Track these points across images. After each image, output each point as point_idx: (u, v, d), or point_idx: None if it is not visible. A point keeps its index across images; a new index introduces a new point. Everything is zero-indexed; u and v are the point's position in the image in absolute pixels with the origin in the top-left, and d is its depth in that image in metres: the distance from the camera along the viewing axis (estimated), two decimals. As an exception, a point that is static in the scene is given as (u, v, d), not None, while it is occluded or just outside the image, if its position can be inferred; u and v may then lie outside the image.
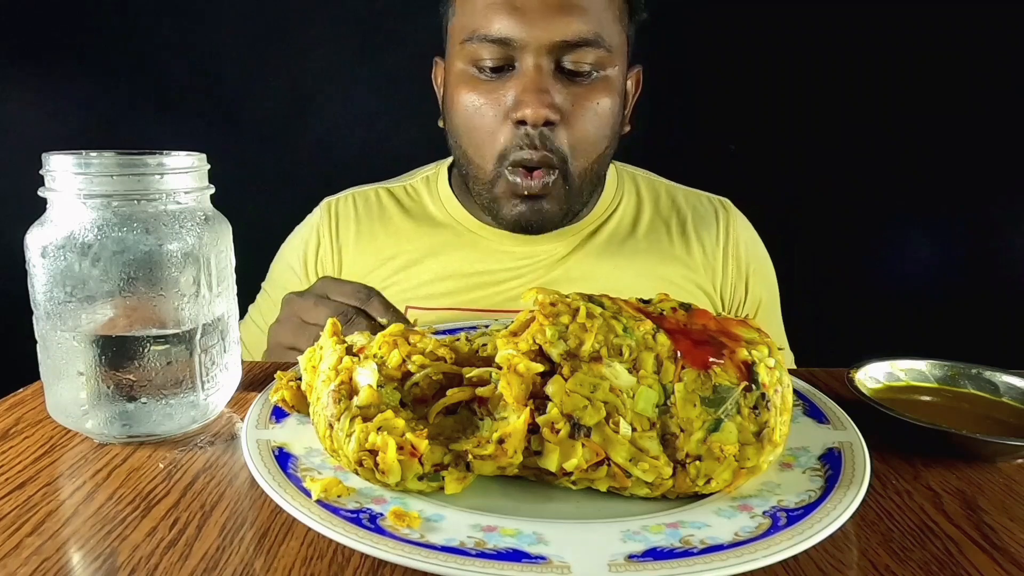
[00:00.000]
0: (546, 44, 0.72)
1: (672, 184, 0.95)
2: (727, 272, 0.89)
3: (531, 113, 0.71)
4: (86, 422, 0.45)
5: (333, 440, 0.39)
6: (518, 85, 0.73)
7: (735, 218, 0.92)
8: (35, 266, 0.44)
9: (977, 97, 1.40)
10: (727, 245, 0.89)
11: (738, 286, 0.90)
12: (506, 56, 0.73)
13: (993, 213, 1.49)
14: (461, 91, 0.77)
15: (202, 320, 0.47)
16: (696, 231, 0.89)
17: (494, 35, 0.72)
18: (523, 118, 0.72)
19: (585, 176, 0.78)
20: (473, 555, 0.32)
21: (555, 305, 0.40)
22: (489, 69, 0.75)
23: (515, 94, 0.73)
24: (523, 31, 0.71)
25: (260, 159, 1.42)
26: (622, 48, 0.78)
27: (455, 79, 0.78)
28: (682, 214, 0.91)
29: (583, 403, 0.37)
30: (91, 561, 0.34)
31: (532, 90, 0.72)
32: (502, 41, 0.72)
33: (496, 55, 0.73)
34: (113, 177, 0.43)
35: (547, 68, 0.73)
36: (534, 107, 0.71)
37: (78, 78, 1.38)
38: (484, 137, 0.76)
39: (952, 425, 0.47)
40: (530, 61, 0.72)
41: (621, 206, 0.90)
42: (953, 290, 1.50)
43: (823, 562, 0.35)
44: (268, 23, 1.38)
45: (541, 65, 0.72)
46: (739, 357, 0.39)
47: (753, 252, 0.91)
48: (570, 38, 0.72)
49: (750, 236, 0.92)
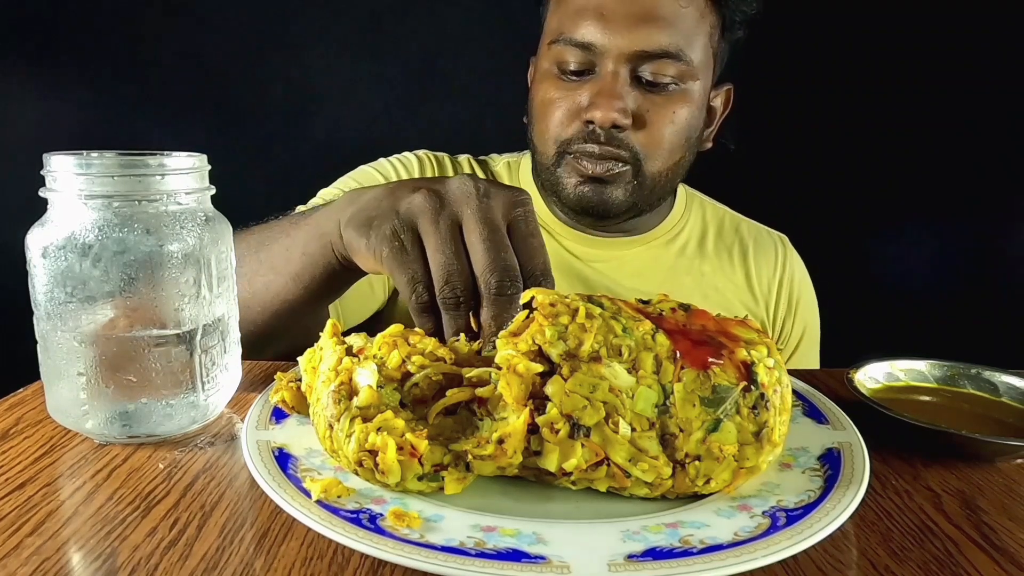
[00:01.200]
0: (626, 52, 0.74)
1: (734, 213, 0.99)
2: (779, 304, 0.93)
3: (600, 115, 0.74)
4: (86, 422, 0.45)
5: (333, 441, 0.39)
6: (594, 88, 0.76)
7: (792, 255, 0.96)
8: (35, 266, 0.44)
9: (977, 97, 1.40)
10: (782, 279, 0.93)
11: (787, 319, 0.94)
12: (588, 61, 0.76)
13: (993, 213, 1.49)
14: (542, 87, 0.81)
15: (202, 321, 0.47)
16: (756, 261, 0.93)
17: (578, 39, 0.76)
18: (592, 118, 0.75)
19: (659, 179, 0.80)
20: (473, 555, 0.32)
21: (554, 305, 0.41)
22: (572, 72, 0.78)
23: (589, 96, 0.76)
24: (605, 38, 0.74)
25: (260, 159, 1.42)
26: (707, 64, 0.79)
27: (540, 76, 0.82)
28: (744, 243, 0.94)
29: (582, 403, 0.37)
30: (91, 561, 0.34)
31: (605, 93, 0.75)
32: (585, 46, 0.76)
33: (579, 59, 0.77)
34: (114, 178, 0.43)
35: (624, 75, 0.75)
36: (604, 109, 0.74)
37: (79, 79, 1.38)
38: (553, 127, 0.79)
39: (952, 425, 0.47)
40: (609, 67, 0.75)
41: (689, 224, 0.93)
42: (953, 290, 1.51)
43: (823, 562, 0.35)
44: (268, 23, 1.38)
45: (619, 72, 0.75)
46: (738, 357, 0.39)
47: (803, 289, 0.95)
48: (650, 49, 0.74)
49: (803, 274, 0.96)
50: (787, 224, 1.00)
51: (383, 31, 1.40)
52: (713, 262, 0.92)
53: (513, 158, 0.96)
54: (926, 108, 1.41)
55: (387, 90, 1.42)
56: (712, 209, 0.97)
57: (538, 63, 0.84)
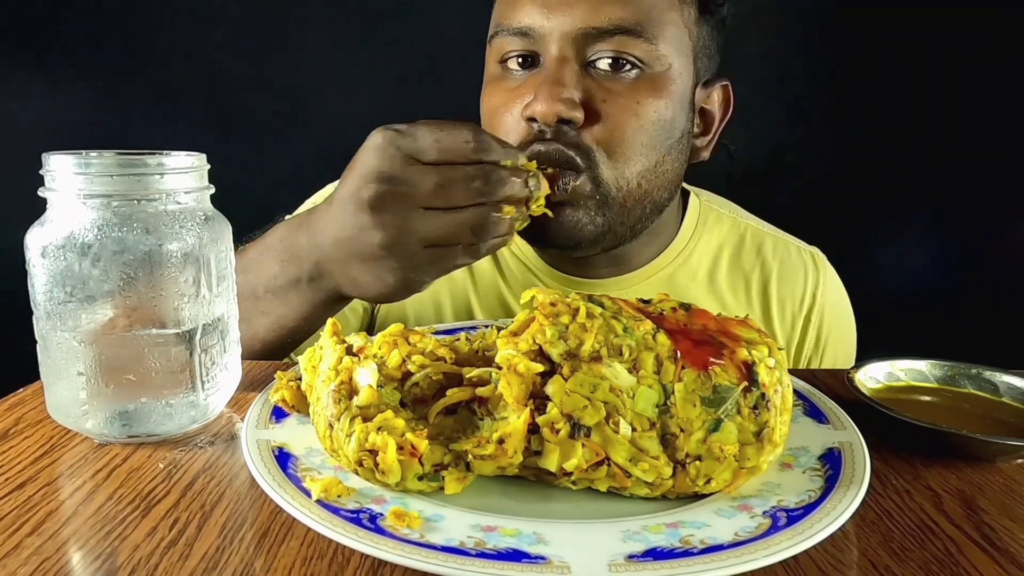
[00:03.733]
0: (570, 32, 0.62)
1: (760, 226, 0.83)
2: (804, 341, 0.80)
3: (540, 108, 0.61)
4: (86, 422, 0.45)
5: (333, 440, 0.39)
6: (536, 80, 0.64)
7: (825, 279, 0.81)
8: (35, 266, 0.44)
9: (977, 97, 1.40)
10: (811, 312, 0.79)
11: (814, 352, 0.81)
12: (529, 50, 0.65)
13: (994, 213, 1.49)
14: (488, 91, 0.70)
15: (202, 320, 0.47)
16: (779, 290, 0.79)
17: (516, 26, 0.64)
18: (532, 115, 0.62)
19: (626, 191, 0.65)
20: (473, 555, 0.32)
21: (555, 305, 0.40)
22: (518, 67, 0.66)
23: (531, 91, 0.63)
24: (543, 18, 0.63)
25: (260, 159, 1.42)
26: (681, 44, 0.66)
27: (487, 80, 0.71)
28: (766, 268, 0.79)
29: (583, 403, 0.37)
30: (91, 561, 0.34)
31: (547, 82, 0.62)
32: (523, 32, 0.64)
33: (518, 47, 0.65)
34: (113, 177, 0.43)
35: (572, 60, 0.63)
36: (545, 101, 0.60)
37: (79, 78, 1.38)
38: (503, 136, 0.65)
39: (952, 425, 0.46)
40: (552, 52, 0.63)
41: (699, 249, 0.79)
42: (953, 290, 1.51)
43: (823, 562, 0.35)
44: (268, 23, 1.38)
45: (566, 56, 0.62)
46: (739, 357, 0.39)
47: (837, 318, 0.82)
48: (599, 24, 0.61)
49: (837, 299, 0.82)
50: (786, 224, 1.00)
51: (383, 31, 1.40)
52: (725, 294, 0.78)
53: None
54: (926, 107, 1.41)
55: (387, 90, 1.42)
56: (731, 224, 0.82)
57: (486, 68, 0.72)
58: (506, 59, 0.67)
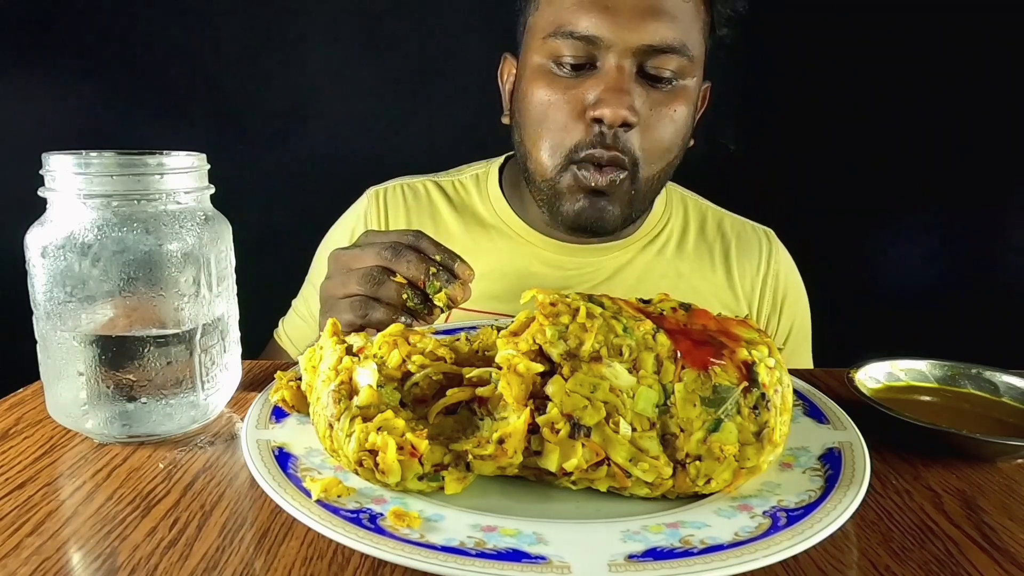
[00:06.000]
0: (632, 46, 0.71)
1: (717, 208, 0.96)
2: (763, 302, 0.91)
3: (610, 113, 0.70)
4: (86, 422, 0.45)
5: (333, 440, 0.39)
6: (599, 84, 0.72)
7: (777, 249, 0.93)
8: (35, 266, 0.44)
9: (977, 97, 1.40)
10: (766, 276, 0.91)
11: (772, 316, 0.92)
12: (589, 54, 0.73)
13: (993, 213, 1.49)
14: (536, 86, 0.76)
15: (202, 320, 0.47)
16: (738, 259, 0.90)
17: (581, 32, 0.72)
18: (601, 116, 0.71)
19: (651, 183, 0.77)
20: (473, 555, 0.32)
21: (555, 305, 0.40)
22: (569, 66, 0.74)
23: (595, 93, 0.72)
24: (610, 31, 0.71)
25: (260, 159, 1.42)
26: (702, 60, 0.77)
27: (531, 74, 0.77)
28: (726, 240, 0.92)
29: (583, 403, 0.37)
30: (91, 561, 0.34)
31: (614, 90, 0.71)
32: (588, 39, 0.72)
33: (579, 52, 0.73)
34: (113, 177, 0.43)
35: (629, 70, 0.72)
36: (614, 107, 0.70)
37: (78, 78, 1.38)
38: (555, 132, 0.75)
39: (952, 425, 0.47)
40: (613, 61, 0.72)
41: (670, 224, 0.90)
42: (953, 290, 1.51)
43: (823, 562, 0.35)
44: (268, 23, 1.38)
45: (624, 66, 0.72)
46: (739, 357, 0.39)
47: (789, 283, 0.93)
48: (656, 43, 0.71)
49: (789, 268, 0.94)
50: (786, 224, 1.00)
51: (383, 31, 1.40)
52: (692, 262, 0.89)
53: (480, 169, 0.93)
54: (927, 106, 1.41)
55: (387, 90, 1.42)
56: (694, 205, 0.95)
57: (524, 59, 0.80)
58: (560, 57, 0.74)
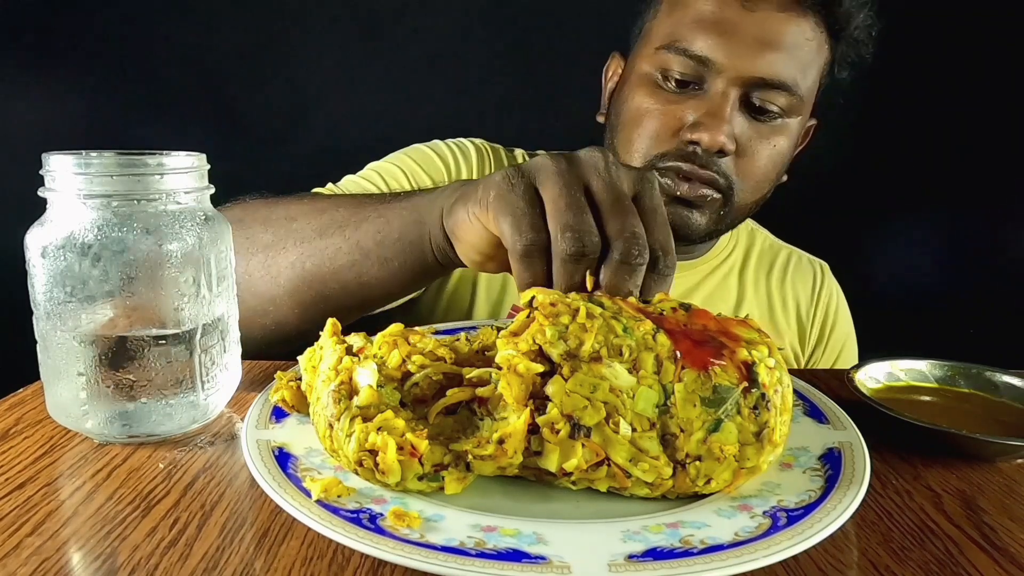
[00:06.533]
0: (744, 76, 0.70)
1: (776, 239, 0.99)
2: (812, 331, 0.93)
3: (707, 138, 0.70)
4: (86, 422, 0.45)
5: (333, 440, 0.39)
6: (701, 107, 0.71)
7: (829, 283, 0.96)
8: (35, 266, 0.44)
9: (977, 96, 1.40)
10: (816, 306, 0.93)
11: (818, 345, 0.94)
12: (697, 75, 0.72)
13: (993, 213, 1.49)
14: (639, 92, 0.76)
15: (202, 320, 0.47)
16: (792, 287, 0.93)
17: (695, 51, 0.71)
18: (698, 140, 0.70)
19: (744, 210, 0.78)
20: (473, 555, 0.32)
21: (555, 305, 0.40)
22: (675, 81, 0.73)
23: (696, 114, 0.71)
24: (724, 56, 0.70)
25: (260, 159, 1.41)
26: (811, 99, 0.76)
27: (636, 79, 0.77)
28: (783, 269, 0.94)
29: (583, 403, 0.37)
30: (91, 561, 0.34)
31: (715, 115, 0.70)
32: (700, 59, 0.71)
33: (688, 70, 0.72)
34: (113, 177, 0.43)
35: (734, 98, 0.71)
36: (712, 132, 0.69)
37: (78, 78, 1.38)
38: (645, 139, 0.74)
39: (952, 425, 0.47)
40: (720, 86, 0.71)
41: (736, 250, 0.92)
42: (953, 290, 1.50)
43: (823, 562, 0.35)
44: (268, 23, 1.38)
45: (730, 93, 0.71)
46: (739, 357, 0.39)
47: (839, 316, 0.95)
48: (767, 77, 0.70)
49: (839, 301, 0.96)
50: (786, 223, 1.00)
51: (383, 31, 1.40)
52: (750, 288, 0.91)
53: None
54: (927, 106, 1.41)
55: (387, 90, 1.42)
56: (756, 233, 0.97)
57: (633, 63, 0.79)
58: (668, 71, 0.74)
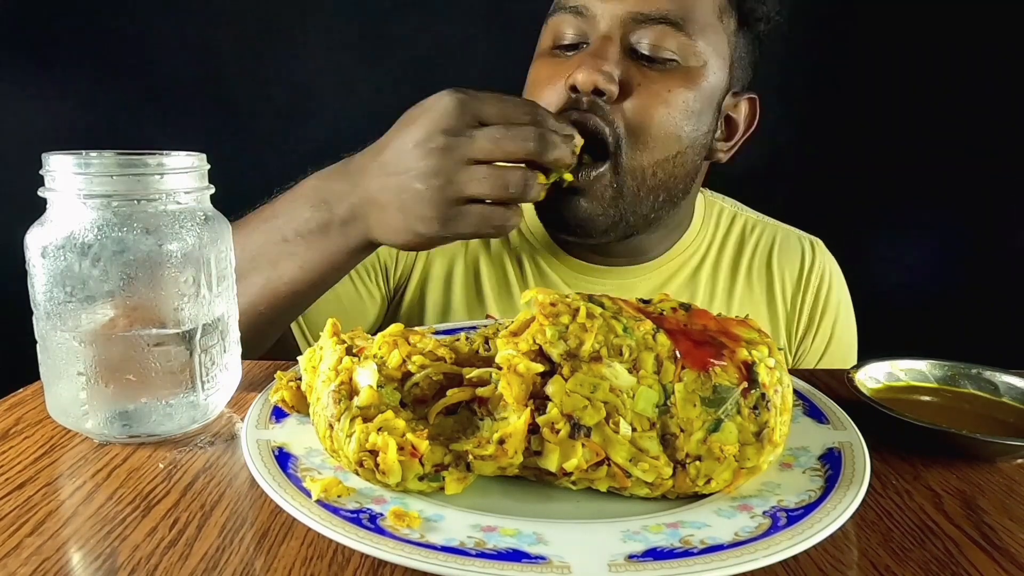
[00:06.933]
0: (619, 15, 0.68)
1: (761, 217, 0.91)
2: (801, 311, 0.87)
3: (581, 76, 0.66)
4: (86, 422, 0.45)
5: (333, 440, 0.39)
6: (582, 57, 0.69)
7: (821, 261, 0.88)
8: (35, 266, 0.44)
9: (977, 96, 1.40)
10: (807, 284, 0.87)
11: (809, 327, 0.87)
12: (582, 31, 0.71)
13: (993, 213, 1.49)
14: (534, 66, 0.75)
15: (202, 320, 0.47)
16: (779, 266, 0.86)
17: (571, 3, 0.71)
18: (573, 82, 0.67)
19: (642, 179, 0.70)
20: (473, 555, 0.32)
21: (555, 305, 0.40)
22: (567, 46, 0.72)
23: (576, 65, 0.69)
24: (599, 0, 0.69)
25: (260, 159, 1.41)
26: (719, 48, 0.72)
27: (536, 56, 0.76)
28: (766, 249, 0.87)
29: (583, 403, 0.37)
30: (91, 561, 0.34)
31: (594, 55, 0.68)
32: (577, 11, 0.70)
33: (572, 28, 0.71)
34: (113, 177, 0.43)
35: (617, 39, 0.68)
36: (586, 71, 0.66)
37: (78, 78, 1.38)
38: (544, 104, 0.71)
39: (952, 425, 0.46)
40: (600, 29, 0.69)
41: (706, 241, 0.86)
42: (953, 290, 1.51)
43: (823, 562, 0.35)
44: (268, 22, 1.38)
45: (611, 37, 0.68)
46: (739, 357, 0.39)
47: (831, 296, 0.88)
48: (646, 11, 0.67)
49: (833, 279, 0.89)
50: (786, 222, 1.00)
51: (383, 31, 1.40)
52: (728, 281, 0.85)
53: None
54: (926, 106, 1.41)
55: (387, 90, 1.42)
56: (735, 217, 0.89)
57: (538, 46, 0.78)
58: (559, 36, 0.73)
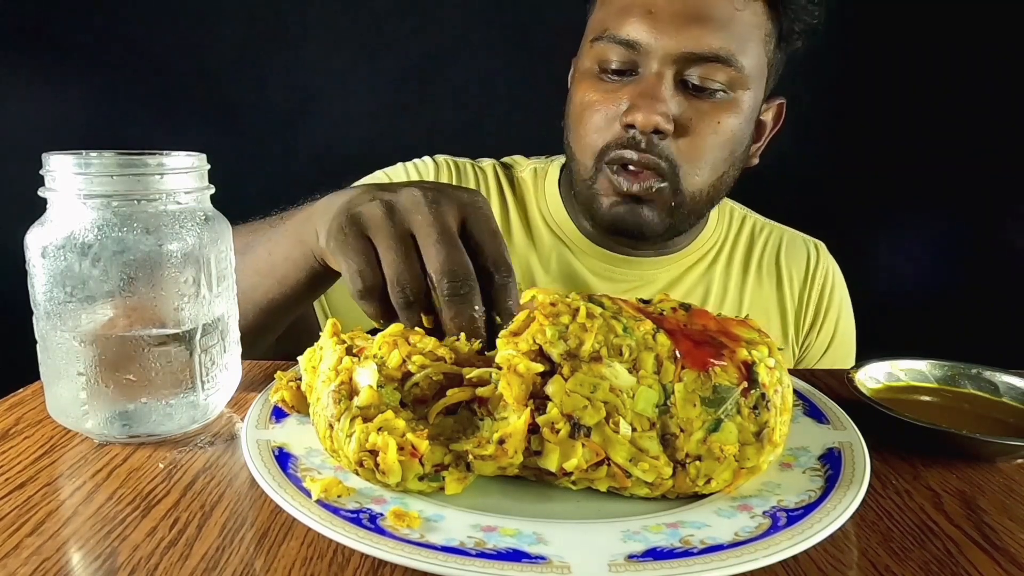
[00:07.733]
0: (672, 53, 0.70)
1: (768, 221, 0.96)
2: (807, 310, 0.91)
3: (641, 118, 0.69)
4: (86, 422, 0.45)
5: (333, 440, 0.39)
6: (634, 90, 0.72)
7: (824, 263, 0.93)
8: (35, 266, 0.44)
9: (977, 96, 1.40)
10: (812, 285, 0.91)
11: (813, 326, 0.92)
12: (631, 61, 0.72)
13: (993, 212, 1.49)
14: (580, 87, 0.77)
15: (202, 320, 0.47)
16: (786, 266, 0.91)
17: (623, 37, 0.72)
18: (632, 122, 0.70)
19: (699, 197, 0.76)
20: (473, 555, 0.32)
21: (555, 305, 0.40)
22: (613, 71, 0.74)
23: (630, 98, 0.71)
24: (651, 37, 0.70)
25: (260, 159, 1.42)
26: (760, 74, 0.75)
27: (579, 76, 0.78)
28: (774, 250, 0.92)
29: (583, 403, 0.37)
30: (91, 561, 0.34)
31: (647, 96, 0.70)
32: (629, 44, 0.71)
33: (621, 58, 0.72)
34: (113, 177, 0.43)
35: (668, 77, 0.71)
36: (645, 112, 0.69)
37: (79, 78, 1.38)
38: (590, 133, 0.75)
39: (952, 425, 0.47)
40: (653, 67, 0.71)
41: (721, 239, 0.91)
42: (953, 290, 1.51)
43: (823, 562, 0.35)
44: (268, 23, 1.38)
45: (663, 73, 0.71)
46: (739, 357, 0.39)
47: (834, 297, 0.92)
48: (698, 51, 0.70)
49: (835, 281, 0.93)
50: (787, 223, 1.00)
51: (383, 32, 1.40)
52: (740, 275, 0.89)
53: (540, 164, 0.92)
54: (926, 106, 1.41)
55: (387, 91, 1.42)
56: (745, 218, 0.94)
57: (577, 62, 0.80)
58: (605, 62, 0.74)
